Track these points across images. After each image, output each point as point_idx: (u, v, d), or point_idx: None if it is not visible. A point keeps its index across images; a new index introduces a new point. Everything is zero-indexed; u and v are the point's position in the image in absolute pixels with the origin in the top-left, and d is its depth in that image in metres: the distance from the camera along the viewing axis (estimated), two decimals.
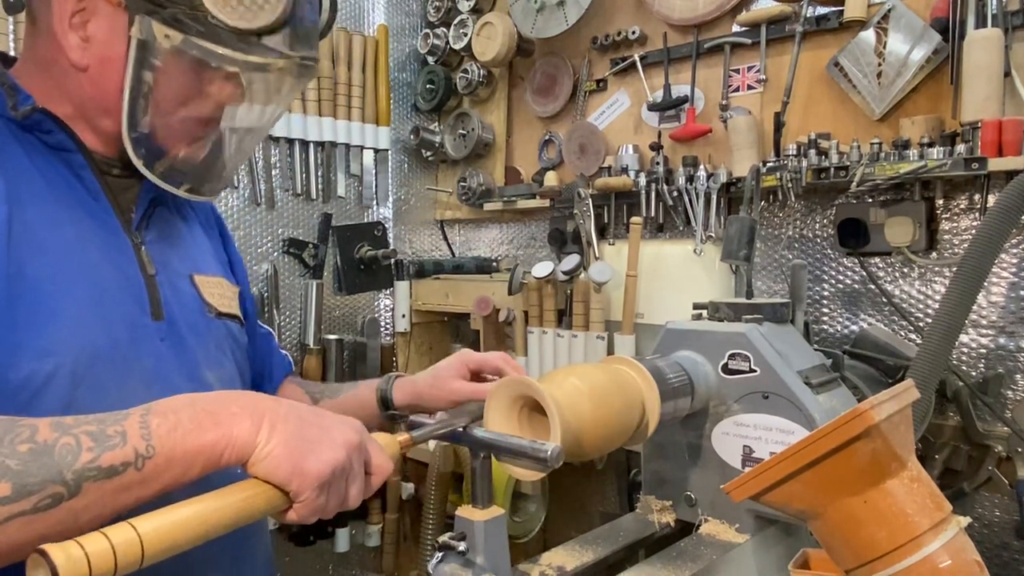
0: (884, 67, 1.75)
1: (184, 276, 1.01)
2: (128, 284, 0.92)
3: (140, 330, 0.92)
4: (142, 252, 0.95)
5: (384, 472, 0.83)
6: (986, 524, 1.69)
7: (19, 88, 0.89)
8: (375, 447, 0.82)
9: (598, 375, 1.04)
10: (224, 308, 1.05)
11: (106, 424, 0.67)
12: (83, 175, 0.91)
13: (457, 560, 0.94)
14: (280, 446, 0.72)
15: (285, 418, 0.74)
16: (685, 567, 1.07)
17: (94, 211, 0.92)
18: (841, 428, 0.74)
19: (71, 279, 0.85)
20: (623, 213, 2.19)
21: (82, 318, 0.85)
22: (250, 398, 0.75)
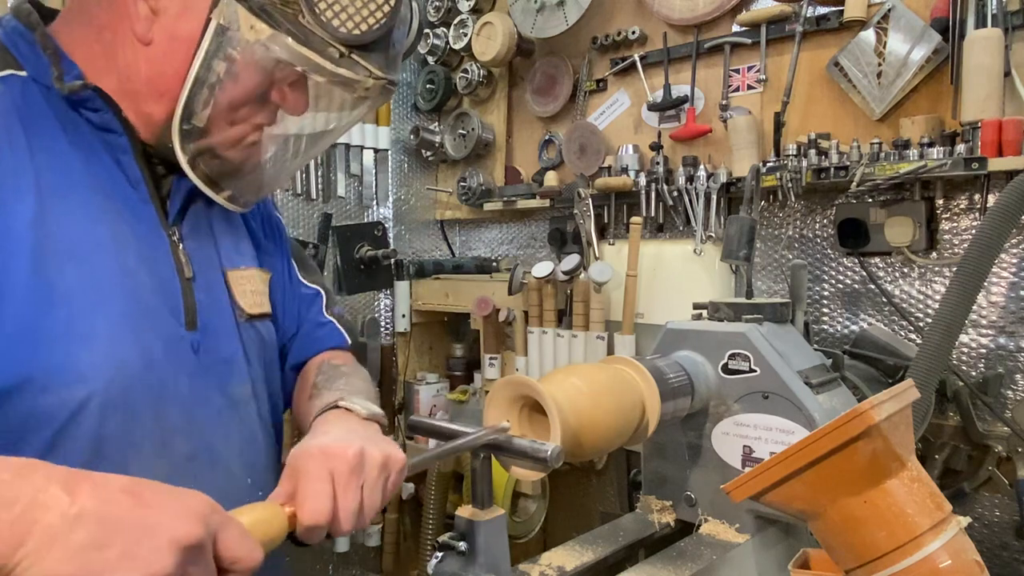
0: (884, 67, 1.75)
1: (218, 274, 0.92)
2: (164, 291, 0.83)
3: (175, 344, 0.83)
4: (179, 251, 0.87)
5: (246, 568, 0.60)
6: (986, 524, 1.69)
7: (64, 55, 0.80)
8: (233, 535, 0.59)
9: (598, 375, 1.04)
10: (254, 309, 0.96)
11: None
12: (124, 160, 0.83)
13: (457, 560, 0.94)
14: (58, 565, 0.50)
15: (74, 521, 0.51)
16: (685, 567, 1.07)
17: (132, 201, 0.83)
18: (841, 428, 0.74)
19: (105, 291, 0.76)
20: (623, 213, 2.19)
21: (116, 337, 0.76)
22: (29, 487, 0.52)
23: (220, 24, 0.77)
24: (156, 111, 0.82)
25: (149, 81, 0.81)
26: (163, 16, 0.79)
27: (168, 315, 0.83)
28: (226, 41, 0.78)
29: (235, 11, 0.77)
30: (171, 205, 0.88)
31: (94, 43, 0.81)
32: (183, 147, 0.82)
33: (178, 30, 0.79)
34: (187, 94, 0.80)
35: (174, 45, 0.79)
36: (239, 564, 0.59)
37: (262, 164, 0.89)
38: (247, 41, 0.78)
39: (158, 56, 0.79)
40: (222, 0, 0.77)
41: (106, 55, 0.81)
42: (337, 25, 0.79)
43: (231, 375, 0.91)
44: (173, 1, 0.78)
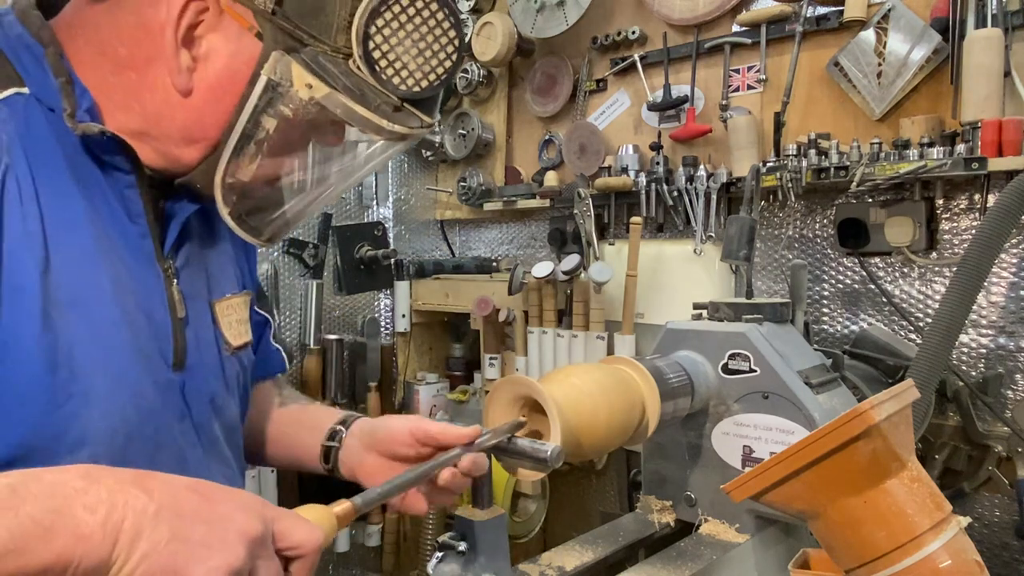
0: (884, 67, 1.75)
1: (206, 307, 0.88)
2: (157, 334, 0.79)
3: (165, 389, 0.79)
4: (173, 288, 0.82)
5: (311, 549, 0.62)
6: (986, 524, 1.69)
7: (77, 82, 0.72)
8: (289, 523, 0.62)
9: (598, 375, 1.04)
10: (239, 340, 0.93)
11: None
12: (127, 193, 0.77)
13: (457, 560, 0.94)
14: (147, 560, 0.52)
15: (156, 518, 0.54)
16: (685, 567, 1.07)
17: (130, 236, 0.78)
18: (841, 428, 0.74)
19: (105, 342, 0.72)
20: (623, 213, 2.19)
21: (115, 395, 0.72)
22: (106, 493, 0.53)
23: (271, 80, 0.72)
24: (186, 155, 0.77)
25: (184, 128, 0.75)
26: (204, 65, 0.73)
27: (159, 358, 0.79)
28: (276, 97, 0.72)
29: (288, 66, 0.71)
30: (168, 235, 0.82)
31: (110, 76, 0.74)
32: (225, 200, 0.78)
33: (220, 82, 0.73)
34: (231, 150, 0.75)
35: (218, 96, 0.73)
36: (301, 548, 0.61)
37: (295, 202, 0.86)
38: (300, 99, 0.72)
39: (197, 106, 0.74)
40: (274, 55, 0.71)
41: (127, 93, 0.74)
42: (397, 83, 0.74)
43: (213, 413, 0.88)
44: (216, 51, 0.72)
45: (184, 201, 0.82)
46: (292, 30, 0.71)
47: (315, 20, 0.71)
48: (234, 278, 0.96)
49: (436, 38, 0.75)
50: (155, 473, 0.58)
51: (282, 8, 0.70)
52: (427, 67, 0.75)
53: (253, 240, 0.83)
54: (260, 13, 0.70)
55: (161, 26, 0.70)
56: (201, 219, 0.87)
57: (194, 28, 0.71)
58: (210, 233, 0.90)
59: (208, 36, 0.72)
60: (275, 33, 0.71)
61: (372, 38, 0.72)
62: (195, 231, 0.88)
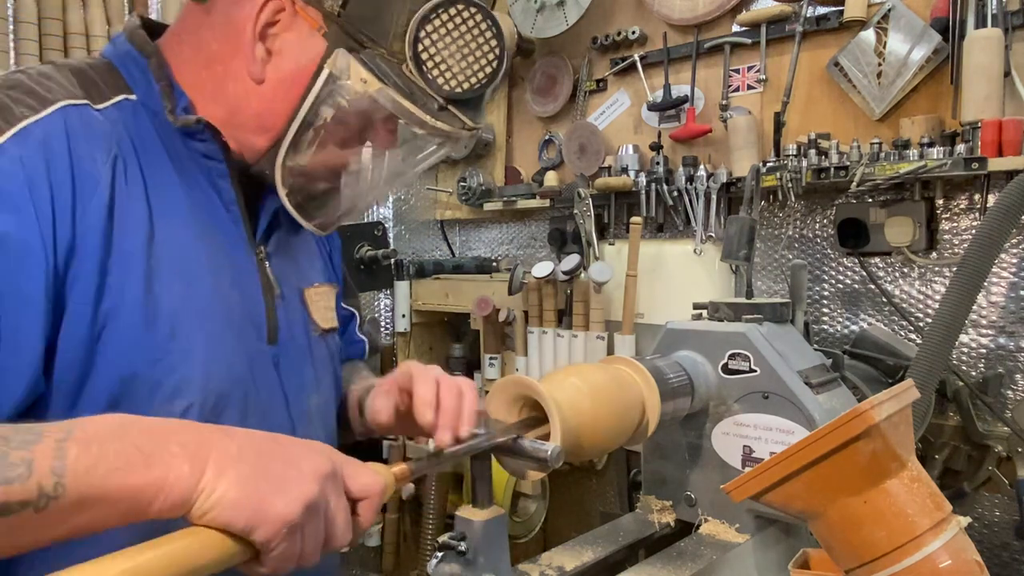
0: (884, 67, 1.75)
1: (296, 292, 0.97)
2: (251, 310, 0.88)
3: (257, 358, 0.88)
4: (266, 269, 0.91)
5: (373, 493, 0.71)
6: (986, 524, 1.69)
7: (175, 86, 0.84)
8: (354, 468, 0.71)
9: (598, 375, 1.04)
10: (327, 324, 1.01)
11: (11, 444, 0.55)
12: (220, 183, 0.86)
13: (457, 560, 0.94)
14: (233, 489, 0.60)
15: (238, 456, 0.62)
16: (685, 567, 1.07)
17: (223, 223, 0.87)
18: (841, 428, 0.74)
19: (203, 309, 0.81)
20: (623, 213, 2.19)
21: (210, 356, 0.80)
22: (194, 433, 0.63)
23: (332, 73, 0.81)
24: (259, 142, 0.86)
25: (257, 116, 0.84)
26: (277, 58, 0.82)
27: (253, 331, 0.88)
28: (336, 89, 0.82)
29: (347, 62, 0.80)
30: (260, 225, 0.92)
31: (203, 70, 0.85)
32: (283, 182, 0.87)
33: (290, 74, 0.82)
34: (293, 134, 0.84)
35: (285, 87, 0.83)
36: (366, 491, 0.71)
37: (348, 194, 0.93)
38: (356, 92, 0.81)
39: (268, 94, 0.83)
40: (337, 51, 0.80)
41: (215, 85, 0.84)
42: (442, 83, 0.83)
43: (302, 390, 0.96)
44: (289, 46, 0.82)
45: (272, 195, 0.90)
46: (354, 32, 0.81)
47: (373, 26, 0.81)
48: (321, 270, 1.05)
49: (479, 45, 0.84)
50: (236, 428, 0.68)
51: (346, 11, 0.80)
52: (469, 71, 0.84)
53: (304, 223, 0.91)
54: (328, 16, 0.81)
55: (244, 22, 0.81)
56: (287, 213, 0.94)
57: (271, 25, 0.81)
58: (297, 228, 0.98)
59: (282, 34, 0.82)
60: (339, 34, 0.81)
61: (421, 41, 0.81)
62: (283, 223, 0.96)
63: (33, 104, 0.72)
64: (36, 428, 0.58)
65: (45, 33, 2.00)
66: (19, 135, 0.69)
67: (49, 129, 0.71)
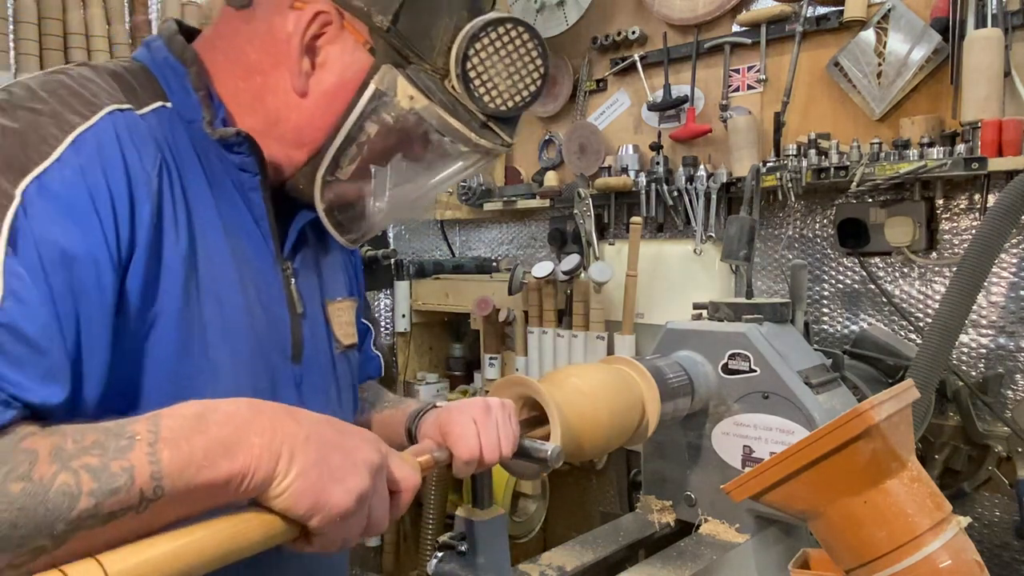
0: (884, 67, 1.75)
1: (319, 308, 0.96)
2: (276, 327, 0.87)
3: (281, 377, 0.87)
4: (292, 286, 0.90)
5: (411, 486, 0.75)
6: (986, 524, 1.69)
7: (214, 97, 0.83)
8: (397, 461, 0.75)
9: (598, 375, 1.04)
10: (348, 340, 1.00)
11: (109, 453, 0.57)
12: (252, 197, 0.84)
13: (457, 560, 0.94)
14: (300, 478, 0.64)
15: (306, 443, 0.65)
16: (685, 567, 1.07)
17: (253, 236, 0.85)
18: (841, 428, 0.74)
19: (232, 327, 0.80)
20: (623, 213, 2.19)
21: (237, 375, 0.80)
22: (268, 421, 0.65)
23: (378, 89, 0.80)
24: (297, 155, 0.85)
25: (296, 129, 0.83)
26: (321, 71, 0.81)
27: (278, 350, 0.87)
28: (381, 105, 0.81)
29: (394, 79, 0.80)
30: (287, 238, 0.91)
31: (240, 80, 0.83)
32: (322, 195, 0.86)
33: (333, 87, 0.81)
34: (335, 149, 0.83)
35: (327, 100, 0.82)
36: (405, 482, 0.74)
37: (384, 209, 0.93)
38: (402, 108, 0.81)
39: (310, 108, 0.82)
40: (384, 67, 0.80)
41: (253, 96, 0.83)
42: (487, 101, 0.83)
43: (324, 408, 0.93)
44: (333, 59, 0.81)
45: (302, 210, 0.90)
46: (401, 48, 0.80)
47: (420, 42, 0.80)
48: (343, 284, 1.04)
49: (524, 64, 0.84)
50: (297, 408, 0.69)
51: (396, 27, 0.79)
52: (514, 89, 0.84)
53: (339, 237, 0.91)
54: (376, 31, 0.79)
55: (288, 34, 0.79)
56: (314, 228, 0.94)
57: (316, 38, 0.80)
58: (322, 241, 0.98)
59: (327, 47, 0.80)
60: (386, 49, 0.80)
61: (470, 59, 0.81)
62: (309, 238, 0.96)
63: (82, 110, 0.70)
64: (125, 431, 0.59)
65: (45, 33, 2.00)
66: (76, 143, 0.68)
67: (101, 136, 0.70)
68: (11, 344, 0.58)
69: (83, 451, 0.57)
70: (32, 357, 0.60)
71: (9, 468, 0.54)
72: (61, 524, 0.54)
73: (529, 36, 0.84)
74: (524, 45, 0.84)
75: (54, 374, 0.62)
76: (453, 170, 0.92)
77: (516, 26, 0.83)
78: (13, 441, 0.56)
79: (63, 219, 0.65)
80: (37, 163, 0.65)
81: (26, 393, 0.59)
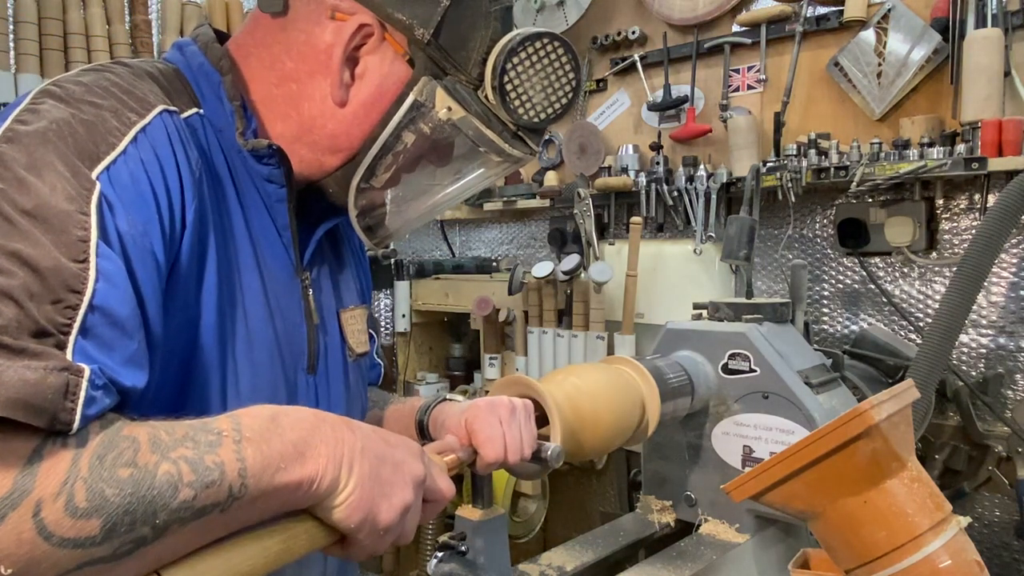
0: (884, 67, 1.75)
1: (334, 316, 0.97)
2: (294, 338, 0.88)
3: (298, 387, 0.88)
4: (309, 297, 0.90)
5: (445, 499, 0.76)
6: (986, 524, 1.69)
7: (247, 110, 0.83)
8: (437, 471, 0.76)
9: (598, 375, 1.04)
10: (360, 348, 1.01)
11: (201, 447, 0.58)
12: (277, 208, 0.85)
13: (457, 560, 0.94)
14: (357, 491, 0.65)
15: (362, 455, 0.67)
16: (685, 567, 1.07)
17: (274, 247, 0.86)
18: (841, 428, 0.74)
19: (253, 336, 0.81)
20: (623, 213, 2.19)
21: (255, 385, 0.81)
22: (331, 431, 0.66)
23: (417, 100, 0.81)
24: (330, 162, 0.86)
25: (332, 136, 0.84)
26: (359, 82, 0.82)
27: (295, 361, 0.88)
28: (419, 116, 0.82)
29: (433, 90, 0.81)
30: (308, 250, 0.91)
31: (274, 87, 0.84)
32: (355, 202, 0.87)
33: (371, 97, 0.82)
34: (371, 158, 0.84)
35: (367, 111, 0.82)
36: (439, 494, 0.75)
37: (414, 215, 0.96)
38: (439, 120, 0.82)
39: (348, 118, 0.83)
40: (423, 79, 0.81)
41: (287, 103, 0.83)
42: (521, 113, 0.84)
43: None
44: (372, 70, 0.81)
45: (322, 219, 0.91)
46: (439, 59, 0.81)
47: (457, 54, 0.81)
48: (355, 292, 1.05)
49: (559, 77, 0.87)
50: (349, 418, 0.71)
51: (437, 40, 0.80)
52: (547, 102, 0.87)
53: (368, 241, 0.92)
54: (415, 43, 0.80)
55: (329, 45, 0.80)
56: (328, 237, 0.96)
57: (358, 49, 0.81)
58: (336, 249, 0.99)
59: (367, 58, 0.81)
60: (424, 61, 0.81)
61: (507, 72, 0.82)
62: (325, 247, 0.97)
63: (137, 107, 0.71)
64: (210, 427, 0.60)
65: (45, 33, 2.00)
66: (137, 138, 0.69)
67: (156, 134, 0.71)
68: (103, 327, 0.58)
69: (178, 443, 0.57)
70: (120, 341, 0.59)
71: (117, 453, 0.53)
72: (164, 513, 0.54)
73: (564, 51, 0.86)
74: (559, 59, 0.86)
75: (137, 360, 0.61)
76: (480, 176, 0.94)
77: (552, 40, 0.85)
78: (115, 428, 0.56)
79: (130, 211, 0.65)
80: (107, 153, 0.65)
81: (120, 377, 0.58)
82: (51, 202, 0.59)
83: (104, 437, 0.54)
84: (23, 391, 0.50)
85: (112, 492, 0.52)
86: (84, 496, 0.51)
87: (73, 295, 0.56)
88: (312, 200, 0.90)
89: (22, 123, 0.63)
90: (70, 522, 0.50)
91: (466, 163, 0.91)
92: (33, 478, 0.50)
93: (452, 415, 0.95)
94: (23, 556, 0.49)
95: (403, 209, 0.93)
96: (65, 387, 0.52)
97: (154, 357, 0.67)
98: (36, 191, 0.59)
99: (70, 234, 0.58)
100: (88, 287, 0.57)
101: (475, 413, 0.90)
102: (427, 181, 0.92)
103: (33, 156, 0.61)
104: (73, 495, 0.50)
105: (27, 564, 0.49)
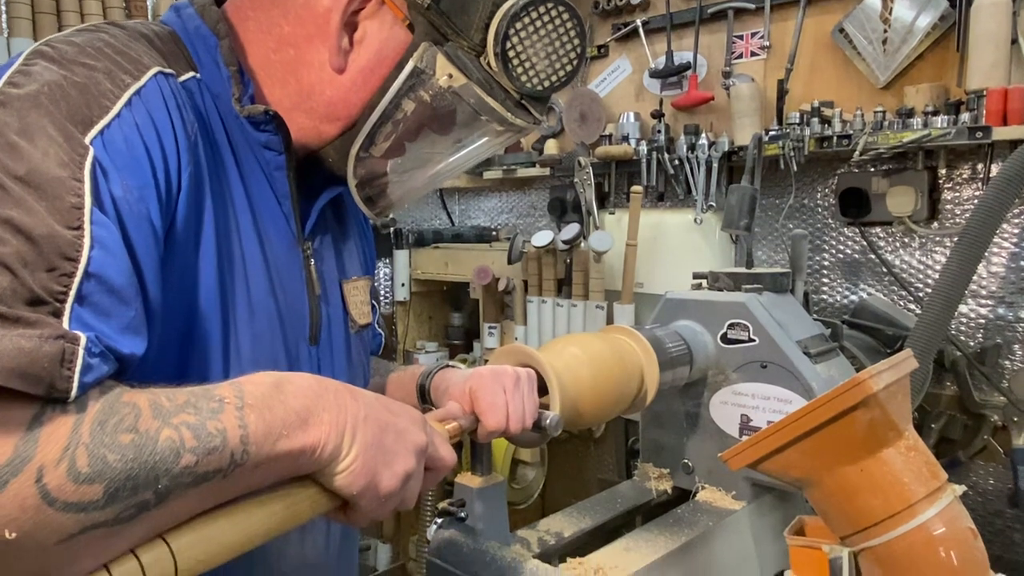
0: (890, 33, 1.73)
1: (336, 287, 0.96)
2: (296, 309, 0.87)
3: (300, 360, 0.87)
4: (311, 268, 0.89)
5: (448, 466, 0.76)
6: (980, 492, 1.71)
7: (244, 75, 0.81)
8: (438, 440, 0.76)
9: (597, 344, 1.05)
10: (363, 319, 1.00)
11: (203, 414, 0.58)
12: (276, 176, 0.83)
13: (456, 526, 0.95)
14: (359, 459, 0.65)
15: (364, 423, 0.67)
16: (682, 533, 1.08)
17: (276, 216, 0.85)
18: (839, 397, 0.74)
19: (255, 307, 0.80)
20: (624, 182, 2.17)
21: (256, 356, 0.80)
22: (334, 398, 0.66)
23: (417, 67, 0.79)
24: (328, 130, 0.84)
25: (330, 104, 0.82)
26: (358, 47, 0.80)
27: (297, 331, 0.87)
28: (419, 83, 0.80)
29: (433, 56, 0.79)
30: (309, 220, 0.90)
31: (272, 53, 0.82)
32: (354, 171, 0.85)
33: (370, 64, 0.80)
34: (371, 126, 0.82)
35: (365, 77, 0.81)
36: (441, 462, 0.75)
37: (413, 184, 0.94)
38: (440, 87, 0.80)
39: (346, 84, 0.81)
40: (423, 45, 0.79)
41: (285, 68, 0.82)
42: (524, 80, 0.82)
43: None
44: (371, 36, 0.80)
45: (324, 189, 0.89)
46: (440, 25, 0.79)
47: (458, 19, 0.79)
48: (359, 262, 1.04)
49: (563, 44, 0.83)
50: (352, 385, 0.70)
51: (437, 5, 0.78)
52: (551, 69, 0.84)
53: (368, 211, 0.91)
54: (415, 7, 0.78)
55: (327, 9, 0.78)
56: (331, 206, 0.94)
57: (356, 14, 0.79)
58: (339, 219, 0.98)
59: (365, 23, 0.79)
60: (425, 26, 0.79)
61: (510, 38, 0.79)
62: (329, 217, 0.95)
63: (131, 69, 0.69)
64: (212, 394, 0.60)
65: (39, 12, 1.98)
66: (131, 101, 0.67)
67: (151, 97, 0.69)
68: (99, 294, 0.57)
69: (179, 409, 0.57)
70: (117, 308, 0.59)
71: (118, 419, 0.54)
72: (166, 479, 0.54)
73: (569, 16, 0.83)
74: (564, 24, 0.83)
75: (135, 327, 0.61)
76: (482, 145, 0.91)
77: (557, 5, 0.82)
78: (115, 395, 0.55)
79: (124, 176, 0.64)
80: (100, 117, 0.64)
81: (118, 344, 0.58)
82: (44, 168, 0.57)
83: (104, 404, 0.54)
84: (19, 360, 0.50)
85: (114, 457, 0.52)
86: (86, 461, 0.51)
87: (68, 263, 0.56)
88: (314, 169, 0.88)
89: (13, 86, 0.62)
90: (72, 487, 0.50)
91: (468, 132, 0.89)
92: (35, 444, 0.50)
93: (455, 382, 0.95)
94: (27, 521, 0.49)
95: (403, 179, 0.92)
96: (61, 355, 0.52)
97: (153, 324, 0.66)
98: (28, 157, 0.57)
99: (64, 200, 0.57)
100: (83, 254, 0.57)
101: (479, 381, 0.90)
102: (428, 151, 0.90)
103: (25, 121, 0.59)
104: (75, 460, 0.50)
105: (31, 529, 0.49)
